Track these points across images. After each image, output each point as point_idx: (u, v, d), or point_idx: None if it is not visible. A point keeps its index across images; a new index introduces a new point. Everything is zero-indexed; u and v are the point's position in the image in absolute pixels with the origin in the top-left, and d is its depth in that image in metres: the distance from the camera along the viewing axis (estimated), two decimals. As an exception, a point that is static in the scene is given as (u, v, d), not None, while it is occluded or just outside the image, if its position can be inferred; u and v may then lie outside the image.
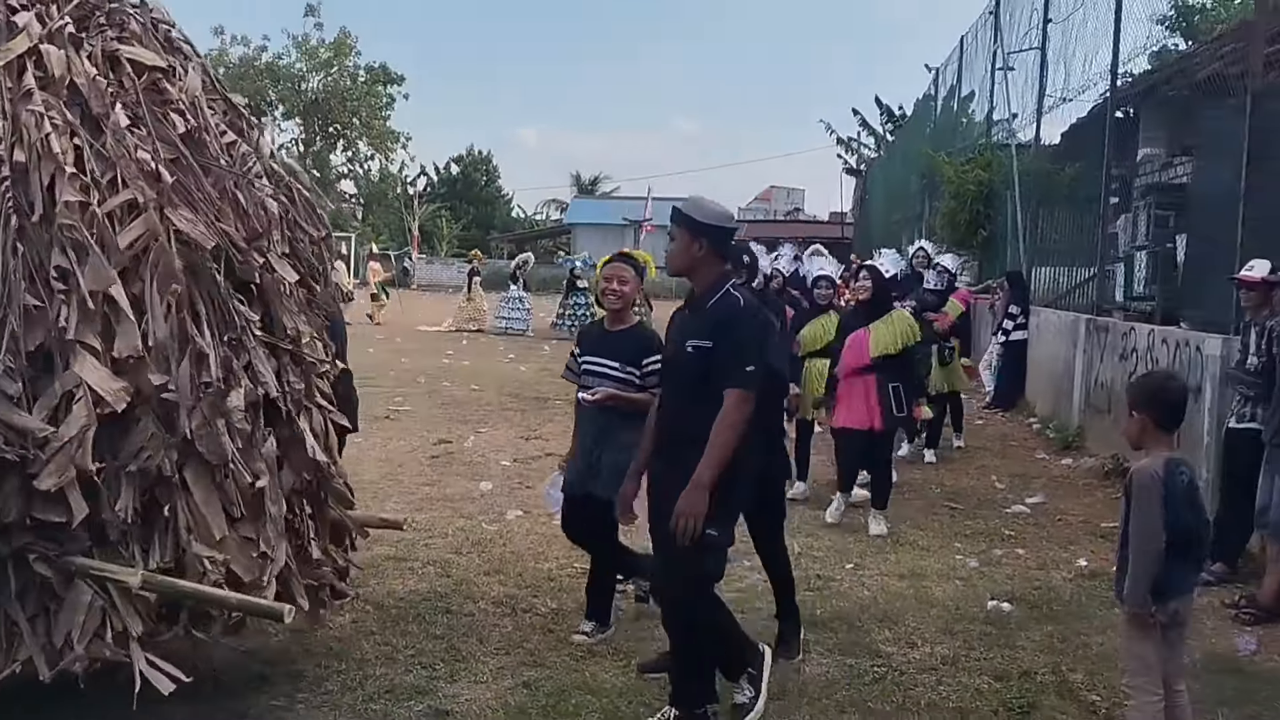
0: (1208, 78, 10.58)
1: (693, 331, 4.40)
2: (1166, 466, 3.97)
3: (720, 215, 4.50)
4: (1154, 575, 3.92)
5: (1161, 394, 4.10)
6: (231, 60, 56.39)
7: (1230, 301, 7.88)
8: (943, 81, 24.15)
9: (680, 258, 4.46)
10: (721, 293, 4.39)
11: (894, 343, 7.90)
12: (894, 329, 7.96)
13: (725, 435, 4.19)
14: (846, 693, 4.95)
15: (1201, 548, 4.24)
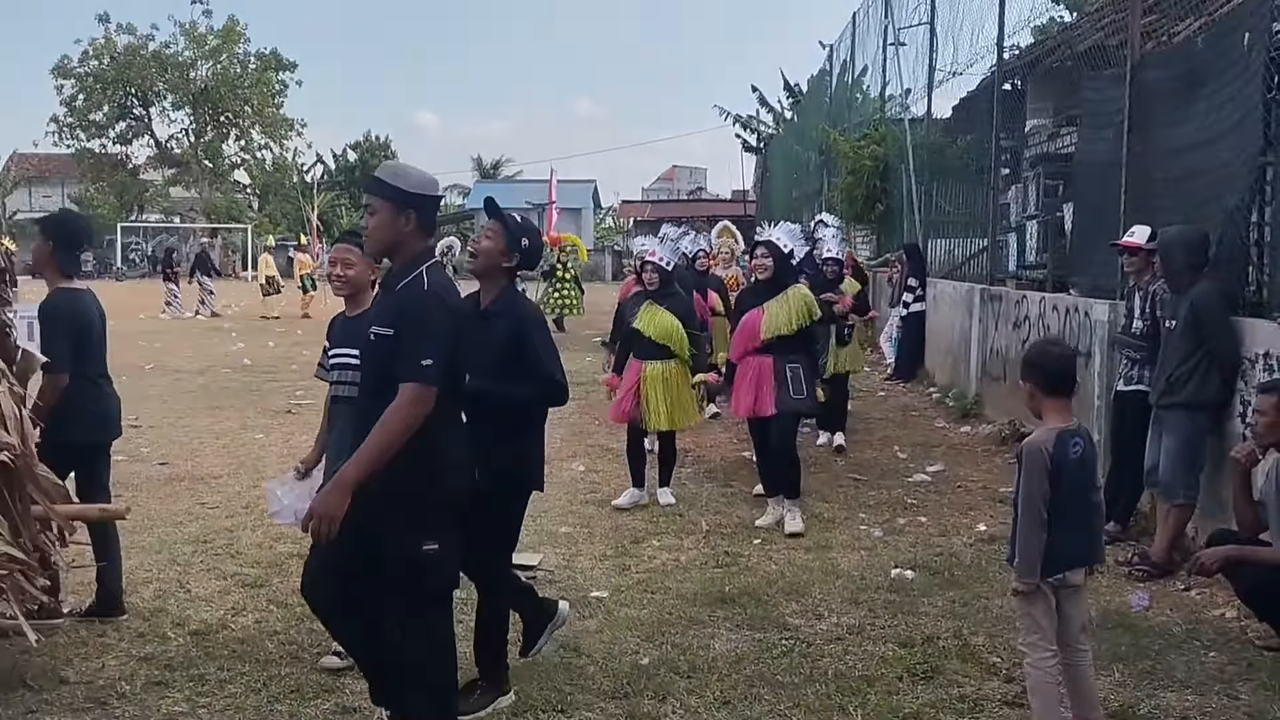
0: (1090, 49, 10.82)
1: (378, 315, 3.92)
2: (1058, 439, 4.04)
3: (428, 183, 3.97)
4: (1040, 546, 4.01)
5: (1041, 360, 4.17)
6: (118, 49, 54.79)
7: (1115, 267, 8.09)
8: (836, 58, 24.37)
9: (384, 233, 3.89)
10: (414, 275, 3.85)
11: (788, 322, 7.28)
12: (789, 307, 7.32)
13: (384, 433, 3.66)
14: (755, 667, 5.00)
15: (1097, 517, 4.34)
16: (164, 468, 9.15)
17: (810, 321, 7.42)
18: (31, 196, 66.44)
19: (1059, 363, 4.18)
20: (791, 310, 7.33)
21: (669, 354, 7.76)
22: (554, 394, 4.70)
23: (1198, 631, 5.45)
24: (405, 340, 3.74)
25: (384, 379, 3.77)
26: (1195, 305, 6.28)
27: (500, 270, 4.68)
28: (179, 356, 17.66)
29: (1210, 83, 7.38)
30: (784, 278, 7.52)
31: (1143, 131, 8.23)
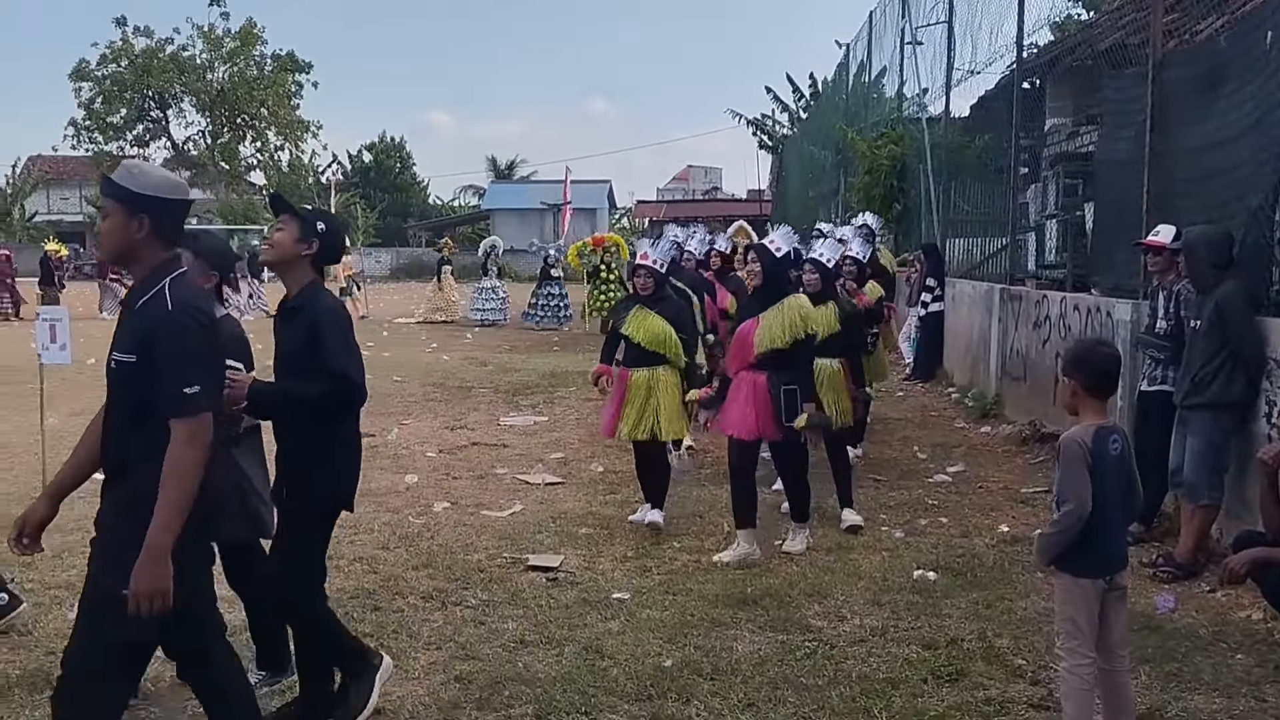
0: (1110, 47, 10.77)
1: (118, 340, 3.46)
2: (1096, 435, 4.00)
3: (167, 185, 3.53)
4: (1069, 540, 3.98)
5: (1089, 359, 4.14)
6: (135, 52, 55.09)
7: (1138, 267, 8.05)
8: (853, 57, 24.32)
9: (114, 239, 3.50)
10: (154, 291, 3.41)
11: (781, 335, 6.56)
12: (782, 318, 6.60)
13: (176, 483, 3.30)
14: (779, 669, 4.99)
15: (1132, 517, 4.32)
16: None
17: (805, 335, 6.62)
18: (49, 199, 66.87)
19: (1107, 363, 4.15)
20: (785, 321, 6.59)
21: (660, 360, 7.17)
22: (343, 392, 4.18)
23: (1224, 633, 5.42)
24: (162, 370, 3.34)
25: (131, 409, 3.42)
26: (1220, 305, 6.24)
27: (299, 261, 4.32)
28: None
29: (1233, 81, 7.33)
30: (779, 285, 6.84)
31: (1165, 130, 8.19)
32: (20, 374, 13.79)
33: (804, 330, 6.59)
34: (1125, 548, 4.20)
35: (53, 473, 8.33)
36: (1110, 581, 4.05)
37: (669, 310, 7.25)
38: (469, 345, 20.28)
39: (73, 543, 6.85)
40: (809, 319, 6.65)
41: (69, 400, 12.62)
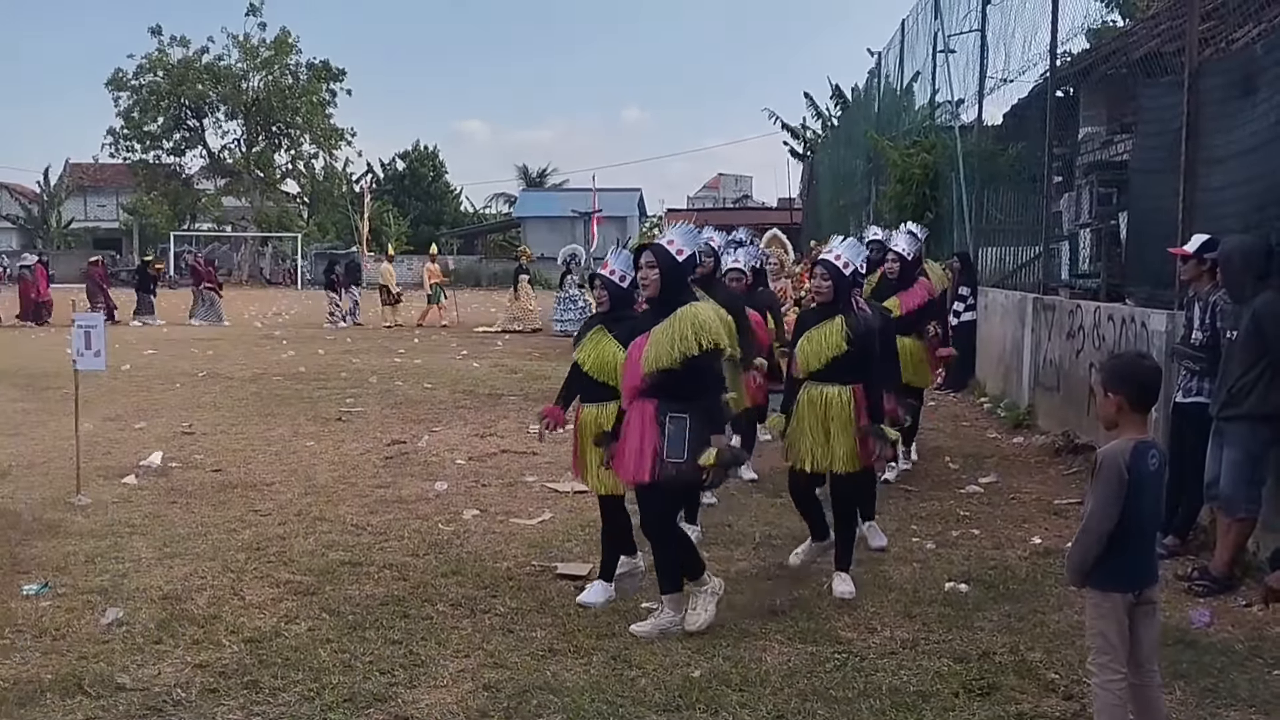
0: (1145, 55, 10.68)
1: None
2: (1135, 451, 3.95)
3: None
4: (1095, 555, 3.95)
5: (1136, 373, 4.08)
6: (171, 62, 55.64)
7: (1173, 277, 7.97)
8: (885, 65, 24.24)
9: None
10: None
11: (670, 351, 5.31)
12: (672, 331, 5.32)
13: None
14: (808, 681, 4.95)
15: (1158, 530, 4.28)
16: (217, 474, 9.24)
17: (704, 351, 5.32)
18: (86, 205, 67.68)
19: (1152, 376, 4.10)
20: (674, 335, 5.34)
21: (612, 394, 5.85)
22: None
23: (1260, 649, 5.34)
24: None
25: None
26: (1258, 315, 6.16)
27: None
28: (231, 364, 17.86)
29: (1268, 89, 7.25)
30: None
31: (1200, 139, 8.11)
32: (58, 379, 13.92)
33: (698, 344, 5.28)
34: (1156, 562, 4.15)
35: (87, 478, 8.50)
36: (1139, 595, 4.00)
37: (624, 331, 5.82)
38: (499, 352, 20.34)
39: (104, 548, 6.94)
40: (704, 331, 5.30)
41: (104, 406, 12.76)
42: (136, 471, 9.20)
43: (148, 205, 59.54)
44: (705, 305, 5.60)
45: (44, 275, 28.58)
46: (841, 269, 6.27)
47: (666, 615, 5.53)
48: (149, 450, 10.08)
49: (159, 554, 6.83)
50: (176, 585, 6.23)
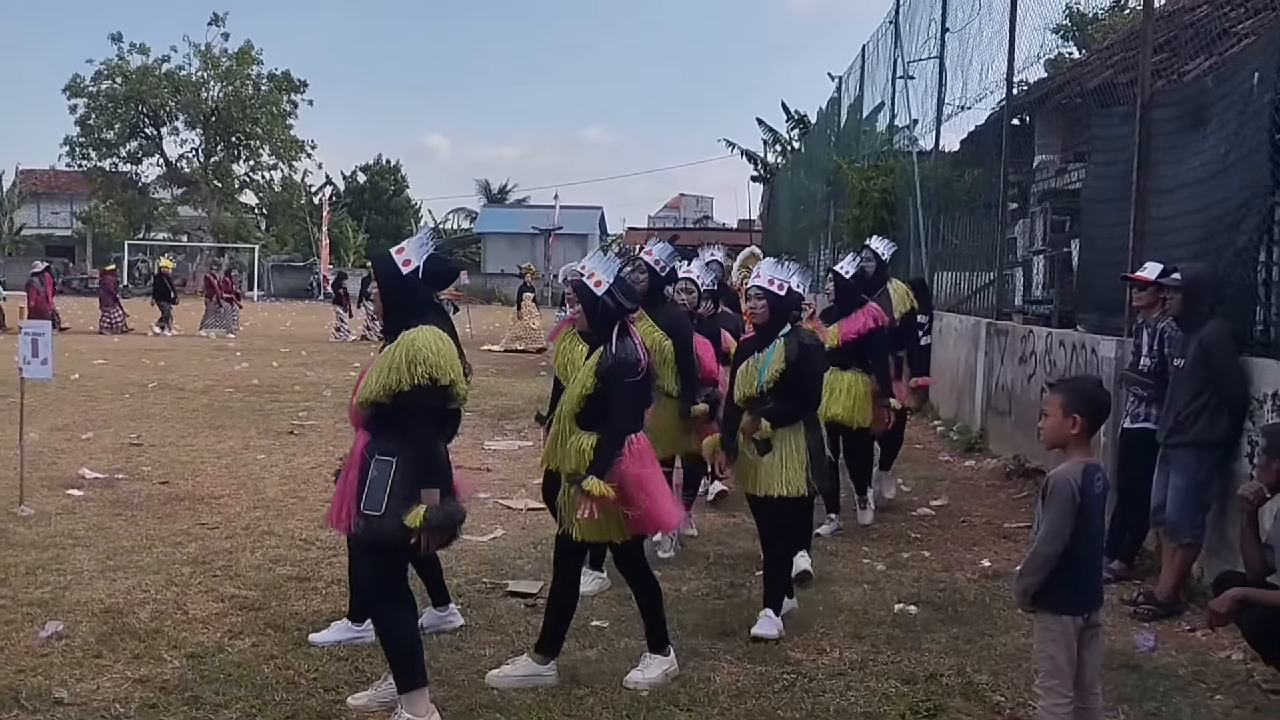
0: (1099, 86, 10.85)
1: None
2: (1085, 474, 4.00)
3: None
4: (1044, 579, 3.98)
5: (1096, 398, 4.14)
6: (130, 69, 55.09)
7: (1123, 304, 8.07)
8: (846, 90, 24.45)
9: None
10: None
11: (374, 383, 4.54)
12: (388, 359, 4.52)
13: None
14: (756, 701, 4.95)
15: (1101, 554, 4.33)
16: (164, 487, 9.11)
17: (417, 384, 4.41)
18: (40, 213, 66.79)
19: (1107, 402, 4.22)
20: (387, 364, 4.51)
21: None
22: None
23: (1204, 673, 5.39)
24: None
25: None
26: (1204, 344, 6.25)
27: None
28: (183, 375, 17.65)
29: (1219, 121, 7.38)
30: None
31: (1151, 168, 8.23)
32: (3, 387, 13.68)
33: (409, 377, 4.42)
34: (1103, 585, 4.20)
35: (30, 488, 8.35)
36: (1088, 619, 4.04)
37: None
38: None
39: (46, 560, 6.82)
40: (416, 362, 4.42)
41: (51, 415, 12.56)
42: (81, 483, 9.06)
43: (102, 213, 58.82)
44: (427, 331, 4.50)
45: (51, 283, 28.58)
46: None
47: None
48: (95, 461, 9.94)
49: (102, 567, 6.72)
50: (119, 599, 6.12)
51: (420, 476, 4.46)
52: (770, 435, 5.78)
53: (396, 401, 4.46)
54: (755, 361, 5.89)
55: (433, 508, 4.43)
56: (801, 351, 5.81)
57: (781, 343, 5.82)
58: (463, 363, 4.61)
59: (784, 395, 5.79)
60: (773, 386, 5.77)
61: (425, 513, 4.40)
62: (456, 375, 4.52)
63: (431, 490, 4.44)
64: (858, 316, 7.96)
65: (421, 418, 4.49)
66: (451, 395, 4.56)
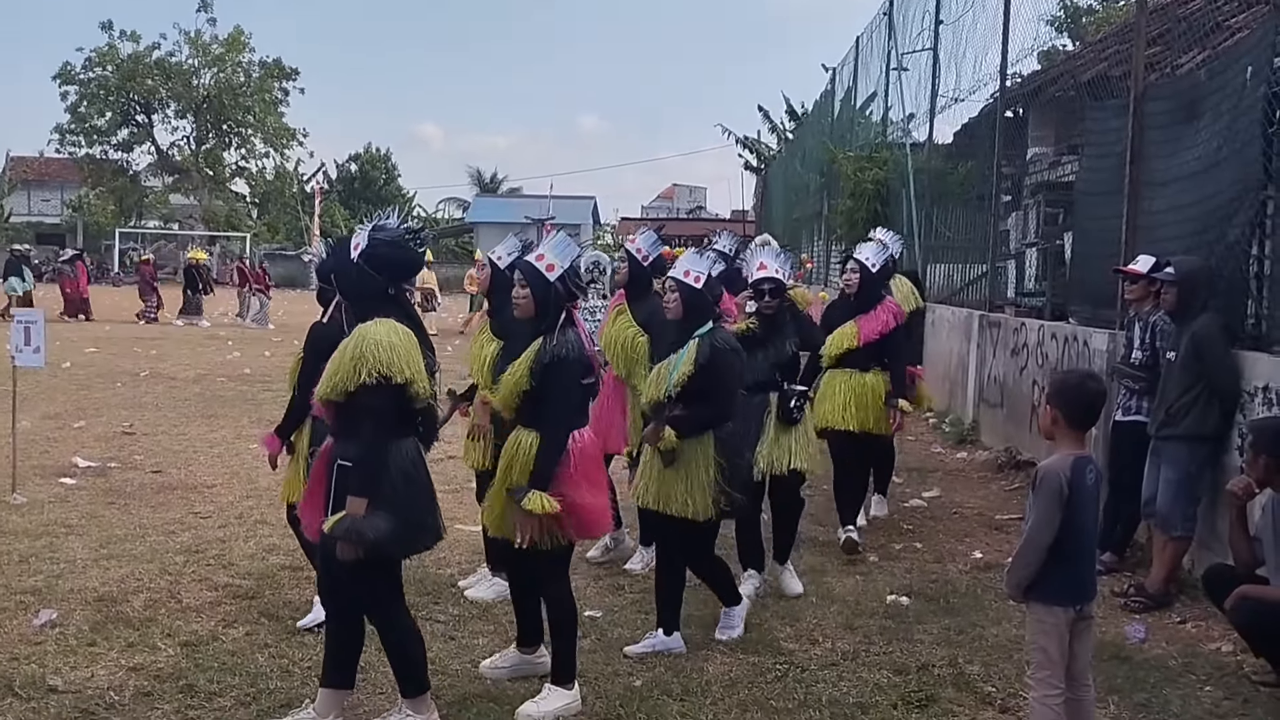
0: (1092, 78, 10.87)
1: None
2: (1074, 466, 4.00)
3: None
4: (1035, 570, 4.00)
5: (1073, 391, 4.12)
6: (121, 57, 54.88)
7: (1115, 296, 8.10)
8: (840, 81, 24.43)
9: None
10: None
11: (328, 381, 4.24)
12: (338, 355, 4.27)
13: None
14: (749, 691, 4.97)
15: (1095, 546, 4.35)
16: (157, 475, 9.11)
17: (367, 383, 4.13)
18: (30, 200, 66.51)
19: (1091, 397, 4.13)
20: (336, 360, 4.26)
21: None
22: None
23: (1194, 665, 5.43)
24: None
25: None
26: (1196, 337, 6.27)
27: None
28: (175, 364, 17.62)
29: (1211, 115, 7.40)
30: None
31: (1144, 162, 8.25)
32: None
33: (356, 376, 4.13)
34: (1095, 577, 4.22)
35: (23, 477, 8.34)
36: (1080, 611, 4.06)
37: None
38: (449, 357, 20.19)
39: (39, 548, 6.82)
40: (366, 358, 4.12)
41: (43, 404, 12.55)
42: (74, 471, 9.05)
43: (93, 201, 58.60)
44: (381, 325, 4.21)
45: (85, 271, 28.62)
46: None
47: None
48: (88, 450, 9.93)
49: (95, 555, 6.72)
50: (112, 587, 6.13)
51: (355, 483, 4.16)
52: (674, 445, 5.12)
53: (347, 401, 4.20)
54: (669, 363, 5.27)
55: (348, 517, 4.12)
56: (713, 355, 5.14)
57: (694, 344, 5.18)
58: (429, 359, 4.35)
59: (692, 403, 5.17)
60: (680, 391, 5.16)
61: (335, 523, 4.14)
62: (414, 373, 4.18)
63: (357, 500, 4.13)
64: (879, 313, 7.27)
65: (369, 418, 4.18)
66: (409, 395, 4.22)
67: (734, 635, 5.55)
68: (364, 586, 4.35)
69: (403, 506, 4.20)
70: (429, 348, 4.39)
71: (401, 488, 4.22)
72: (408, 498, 4.24)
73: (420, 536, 4.38)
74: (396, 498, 4.19)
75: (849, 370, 7.27)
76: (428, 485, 4.39)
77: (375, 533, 4.12)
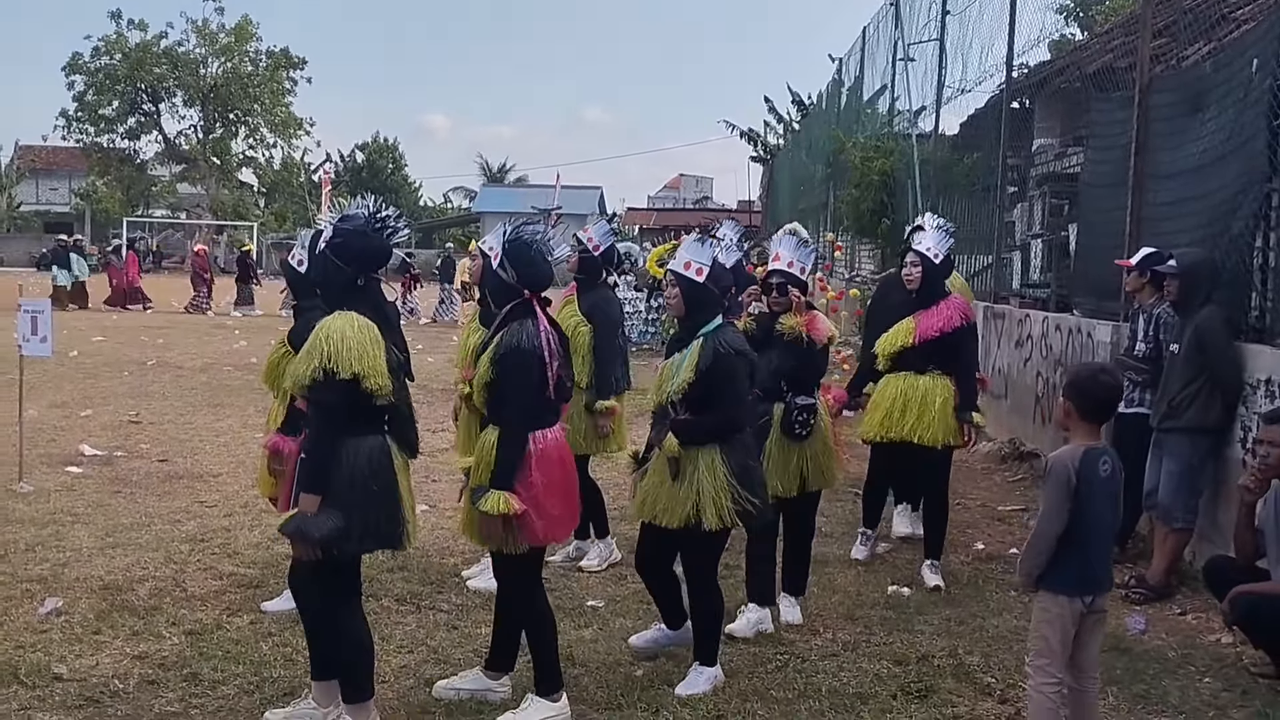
0: (1098, 70, 10.84)
1: None
2: (1085, 457, 4.00)
3: None
4: (1045, 560, 4.01)
5: (1086, 385, 4.13)
6: (129, 46, 54.91)
7: (1119, 289, 8.10)
8: (846, 72, 24.39)
9: None
10: None
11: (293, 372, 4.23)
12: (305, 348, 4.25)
13: None
14: (749, 681, 4.99)
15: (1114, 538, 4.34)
16: (163, 464, 9.16)
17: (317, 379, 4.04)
18: (39, 189, 66.62)
19: (1107, 393, 4.14)
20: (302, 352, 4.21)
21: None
22: None
23: (1193, 656, 5.45)
24: None
25: None
26: (1199, 330, 6.28)
27: None
28: (181, 353, 17.67)
29: (1217, 107, 7.39)
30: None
31: (1149, 154, 8.24)
32: (2, 364, 13.70)
33: (308, 370, 4.05)
34: (1110, 571, 4.22)
35: (30, 465, 8.38)
36: (1091, 604, 4.06)
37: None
38: (453, 347, 20.22)
39: (46, 536, 6.86)
40: (314, 353, 4.04)
41: (50, 393, 12.59)
42: (80, 460, 9.10)
43: (100, 190, 58.67)
44: (339, 319, 4.09)
45: (135, 261, 28.76)
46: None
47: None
48: (94, 439, 9.98)
49: (101, 544, 6.76)
50: (118, 576, 6.17)
51: (303, 480, 4.09)
52: (676, 453, 4.75)
53: (306, 395, 4.14)
54: (673, 363, 4.87)
55: (298, 515, 4.05)
56: (716, 360, 4.71)
57: (697, 345, 4.77)
58: (396, 355, 4.21)
59: (695, 410, 4.79)
60: (681, 397, 4.79)
61: (286, 519, 4.10)
62: (369, 369, 4.01)
63: (308, 496, 4.04)
64: (941, 309, 6.53)
65: (318, 413, 4.12)
66: (364, 391, 4.04)
67: (692, 694, 4.80)
68: (315, 585, 4.29)
69: (355, 506, 4.06)
70: (398, 343, 4.29)
71: (355, 487, 4.07)
72: (361, 498, 4.08)
73: (366, 539, 4.17)
74: (348, 497, 4.05)
75: (903, 373, 6.55)
76: (389, 487, 4.19)
77: (320, 531, 4.01)
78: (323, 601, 4.30)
